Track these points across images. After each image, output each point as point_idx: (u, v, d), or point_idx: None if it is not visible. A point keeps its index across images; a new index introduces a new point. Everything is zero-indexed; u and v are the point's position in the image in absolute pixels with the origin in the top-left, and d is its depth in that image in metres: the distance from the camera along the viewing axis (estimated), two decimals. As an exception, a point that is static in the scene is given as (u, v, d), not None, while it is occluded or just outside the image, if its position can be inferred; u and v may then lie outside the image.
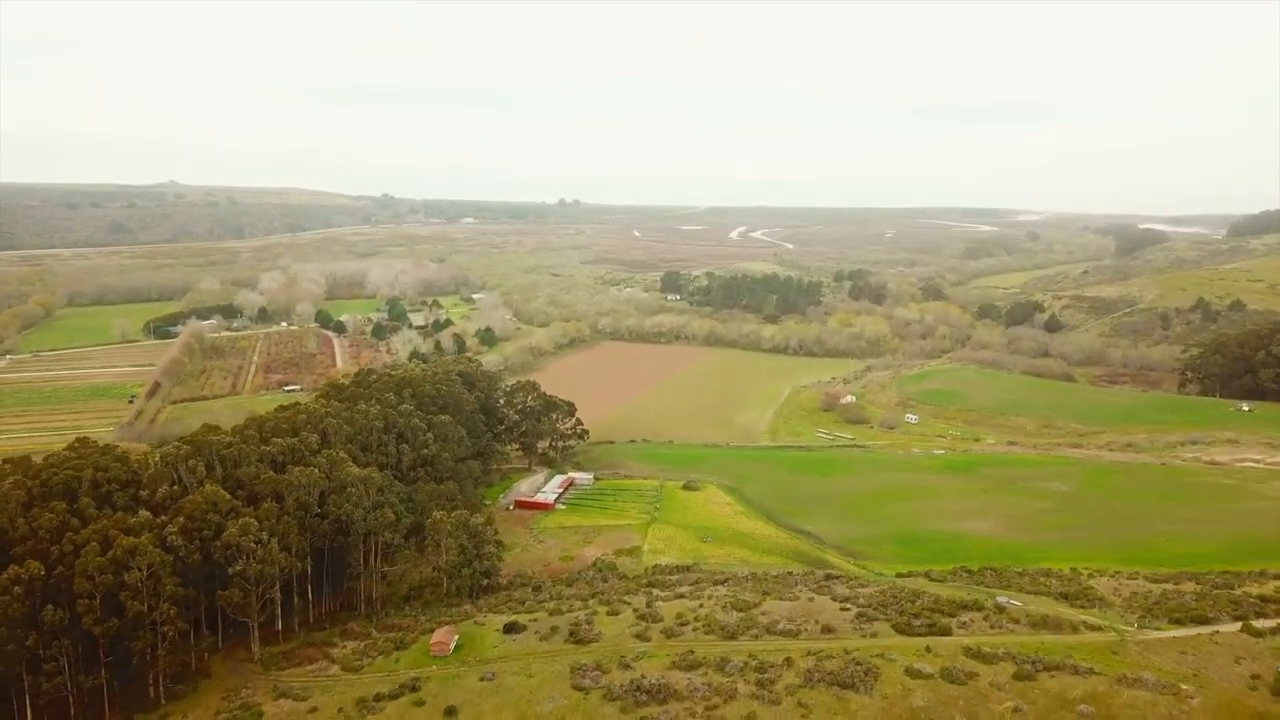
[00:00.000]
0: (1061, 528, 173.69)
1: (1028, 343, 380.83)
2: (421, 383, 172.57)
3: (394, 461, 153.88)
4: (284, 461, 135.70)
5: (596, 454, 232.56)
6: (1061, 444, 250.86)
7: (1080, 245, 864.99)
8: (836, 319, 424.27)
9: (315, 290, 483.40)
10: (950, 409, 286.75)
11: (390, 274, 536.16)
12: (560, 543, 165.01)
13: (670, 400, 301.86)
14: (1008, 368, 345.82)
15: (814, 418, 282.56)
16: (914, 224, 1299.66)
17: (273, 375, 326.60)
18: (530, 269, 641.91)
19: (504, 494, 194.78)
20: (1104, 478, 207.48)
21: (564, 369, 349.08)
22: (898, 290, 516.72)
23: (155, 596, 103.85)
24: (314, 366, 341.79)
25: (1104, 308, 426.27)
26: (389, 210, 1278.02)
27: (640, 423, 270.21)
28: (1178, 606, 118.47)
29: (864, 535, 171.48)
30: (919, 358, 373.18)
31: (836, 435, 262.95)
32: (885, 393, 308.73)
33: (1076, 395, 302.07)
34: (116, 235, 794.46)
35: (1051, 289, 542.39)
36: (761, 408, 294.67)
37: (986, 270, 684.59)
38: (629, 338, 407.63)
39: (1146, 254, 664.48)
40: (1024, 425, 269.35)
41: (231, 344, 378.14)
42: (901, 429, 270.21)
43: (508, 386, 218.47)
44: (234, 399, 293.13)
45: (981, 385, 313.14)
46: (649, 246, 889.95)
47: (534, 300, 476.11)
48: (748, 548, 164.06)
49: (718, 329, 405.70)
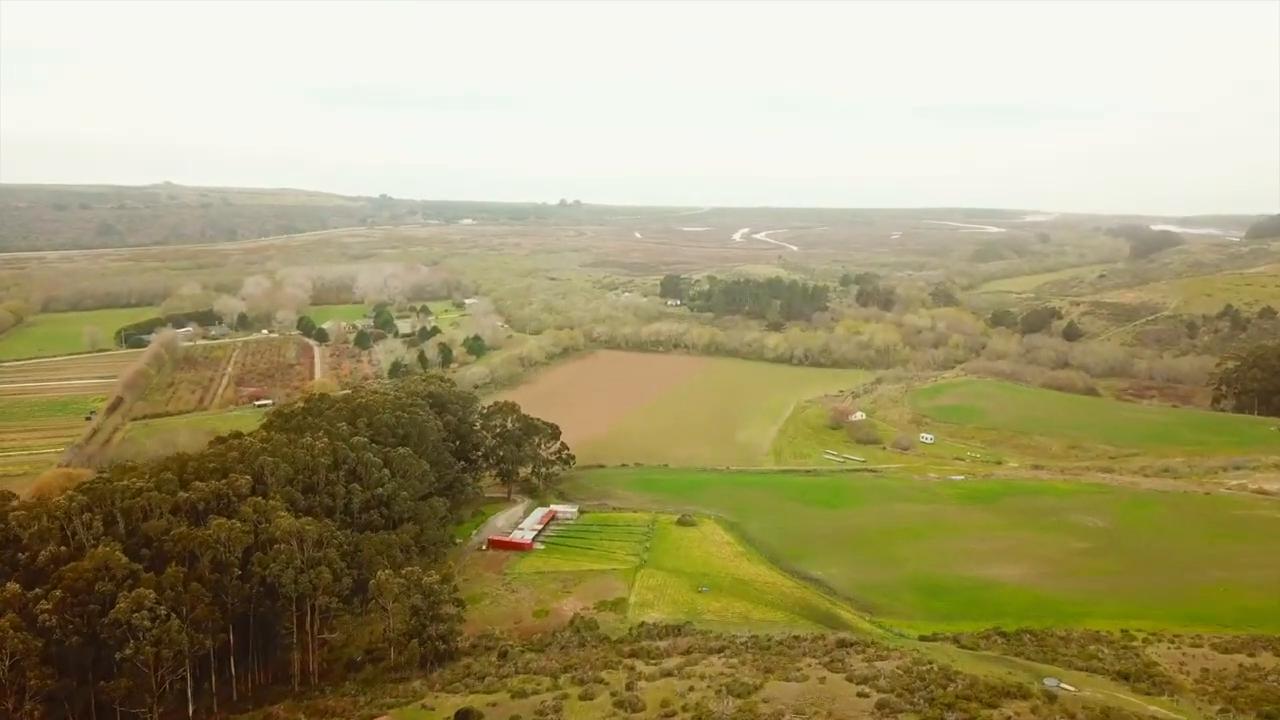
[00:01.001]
0: (1103, 573, 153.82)
1: (1046, 352, 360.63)
2: (380, 410, 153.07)
3: (343, 504, 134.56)
4: (207, 510, 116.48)
5: (584, 480, 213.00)
6: (1091, 468, 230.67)
7: (1092, 247, 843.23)
8: (843, 326, 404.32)
9: (300, 295, 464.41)
10: (968, 427, 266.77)
11: (379, 278, 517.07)
12: (535, 592, 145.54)
13: (667, 416, 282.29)
14: (1026, 380, 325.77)
15: (821, 436, 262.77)
16: (920, 225, 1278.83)
17: (245, 388, 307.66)
18: (527, 272, 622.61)
19: (478, 530, 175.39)
20: (1143, 510, 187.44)
21: (555, 381, 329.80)
22: (907, 295, 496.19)
23: (18, 694, 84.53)
24: (290, 379, 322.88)
25: (1125, 315, 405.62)
26: (387, 211, 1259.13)
27: (634, 442, 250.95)
28: (1263, 694, 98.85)
29: (880, 582, 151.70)
30: (931, 368, 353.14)
31: (846, 457, 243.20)
32: (897, 408, 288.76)
33: (1103, 412, 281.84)
34: (105, 237, 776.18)
35: (1067, 294, 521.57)
36: (764, 425, 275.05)
37: (998, 273, 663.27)
38: (625, 346, 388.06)
39: (1162, 257, 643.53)
40: (1049, 446, 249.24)
41: (206, 354, 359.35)
42: (916, 450, 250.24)
43: (484, 408, 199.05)
44: (199, 415, 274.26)
45: (1000, 400, 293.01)
46: (650, 248, 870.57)
47: (527, 306, 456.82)
48: (748, 599, 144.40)
49: (719, 337, 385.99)
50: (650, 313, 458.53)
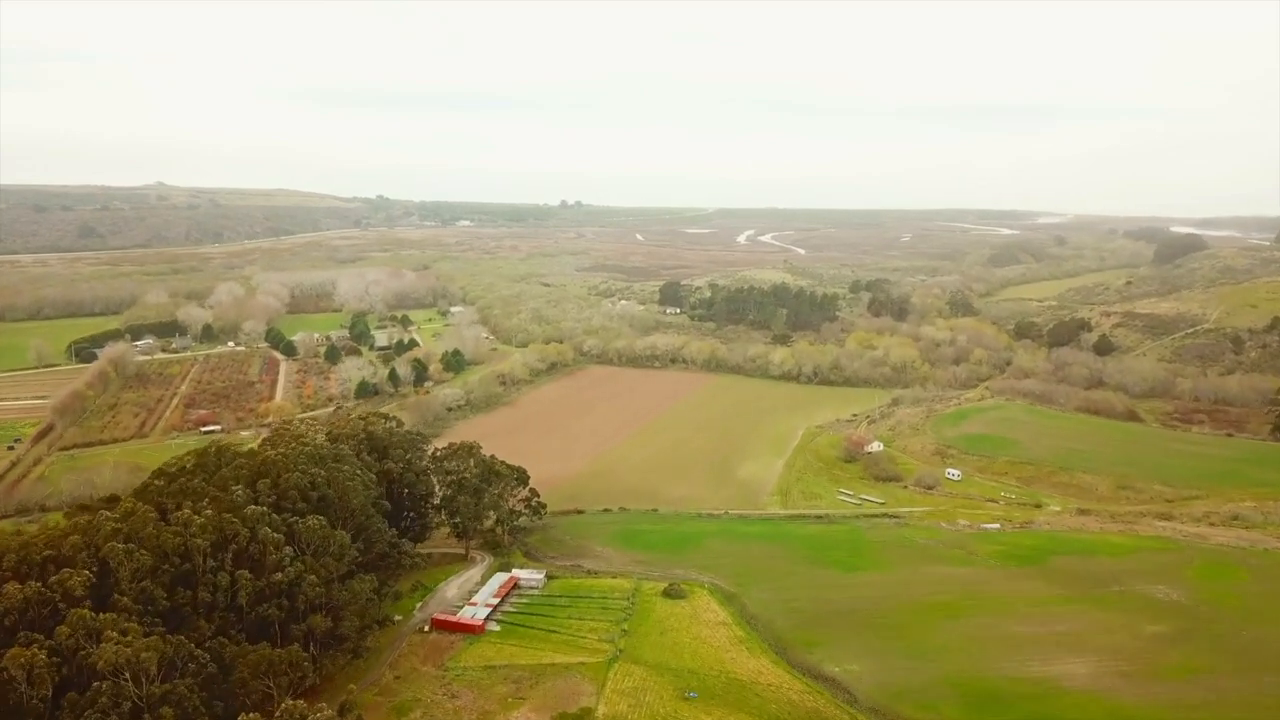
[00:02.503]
0: (1191, 673, 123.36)
1: (1078, 369, 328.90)
2: (289, 468, 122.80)
3: (226, 599, 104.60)
4: (18, 626, 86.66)
5: (558, 531, 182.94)
6: (1146, 513, 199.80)
7: (1112, 251, 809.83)
8: (855, 339, 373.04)
9: (273, 304, 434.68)
10: (999, 460, 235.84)
11: (361, 285, 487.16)
12: (480, 699, 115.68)
13: (660, 445, 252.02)
14: (1058, 402, 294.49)
15: (833, 471, 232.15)
16: (930, 227, 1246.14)
17: (195, 411, 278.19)
18: (520, 277, 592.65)
19: (423, 603, 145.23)
20: (1224, 578, 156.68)
21: (538, 402, 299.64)
22: (922, 304, 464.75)
23: None
24: (248, 399, 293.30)
25: (1161, 327, 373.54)
26: (382, 213, 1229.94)
27: (620, 479, 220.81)
28: None
29: (912, 685, 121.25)
30: (953, 388, 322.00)
31: (862, 498, 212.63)
32: (918, 437, 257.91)
33: (1151, 442, 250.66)
34: (85, 240, 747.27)
35: (1093, 302, 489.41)
36: (770, 455, 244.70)
37: (1016, 279, 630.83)
38: (618, 361, 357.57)
39: (1189, 262, 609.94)
40: (1094, 486, 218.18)
41: (161, 369, 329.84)
42: (941, 489, 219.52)
43: (438, 451, 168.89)
44: (136, 444, 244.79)
45: (1033, 428, 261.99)
46: (651, 252, 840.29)
47: (516, 315, 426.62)
48: (746, 711, 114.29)
49: (719, 352, 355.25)
50: (647, 323, 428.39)
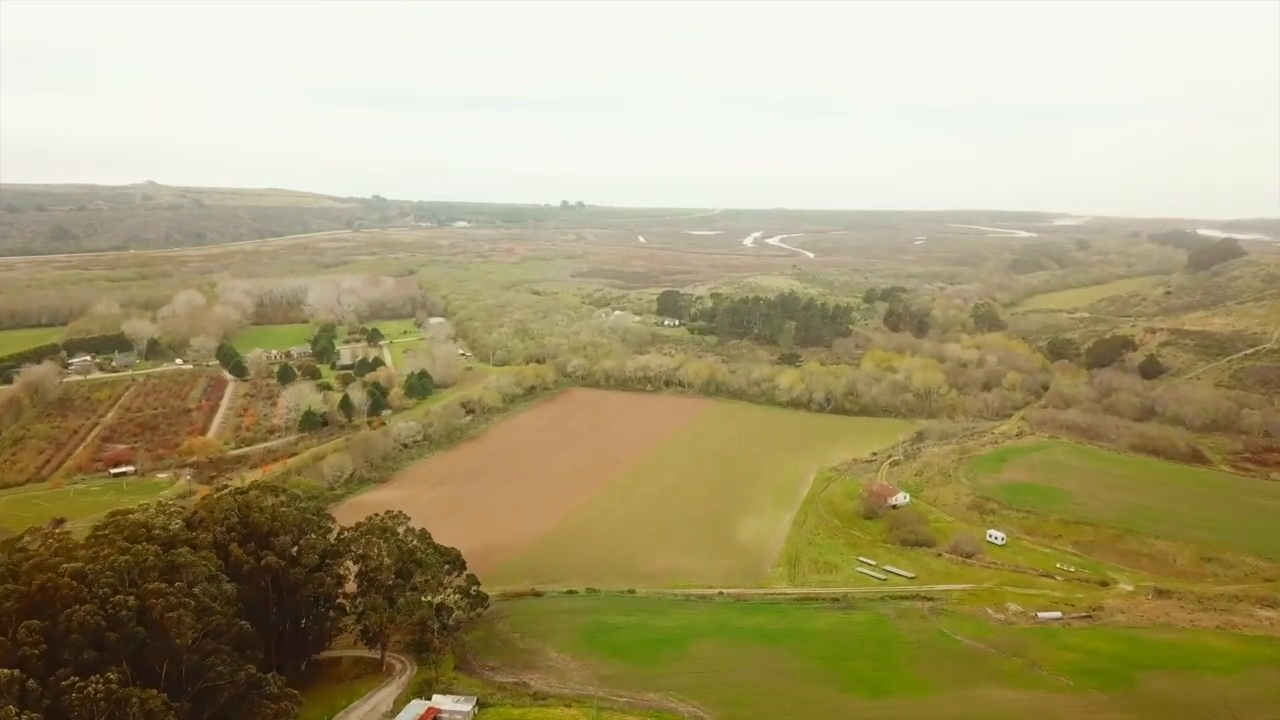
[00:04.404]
0: None
1: (1125, 397, 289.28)
2: (81, 595, 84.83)
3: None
4: None
5: (506, 626, 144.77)
6: (1243, 598, 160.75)
7: (1139, 255, 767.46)
8: (872, 359, 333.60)
9: (232, 316, 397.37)
10: (1050, 518, 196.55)
11: (333, 293, 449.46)
12: None
13: (645, 496, 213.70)
14: (1108, 438, 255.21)
15: (851, 531, 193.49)
16: (944, 229, 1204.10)
17: (113, 445, 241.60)
18: (510, 284, 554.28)
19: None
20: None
21: (508, 436, 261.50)
22: (944, 317, 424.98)
23: None
24: (177, 430, 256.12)
25: (1216, 346, 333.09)
26: (377, 213, 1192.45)
27: (593, 543, 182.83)
28: None
29: None
30: (984, 417, 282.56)
31: (887, 570, 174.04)
32: (950, 485, 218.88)
33: (1228, 494, 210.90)
34: (58, 242, 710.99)
35: (1129, 314, 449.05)
36: (775, 508, 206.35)
37: (1041, 286, 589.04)
38: (606, 384, 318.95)
39: (1228, 269, 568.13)
40: (1171, 556, 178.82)
41: (89, 393, 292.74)
42: (983, 557, 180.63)
43: (346, 532, 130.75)
44: (30, 490, 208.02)
45: (1085, 474, 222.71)
46: (653, 255, 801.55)
47: (498, 328, 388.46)
48: None
49: (720, 374, 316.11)
50: (642, 337, 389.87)
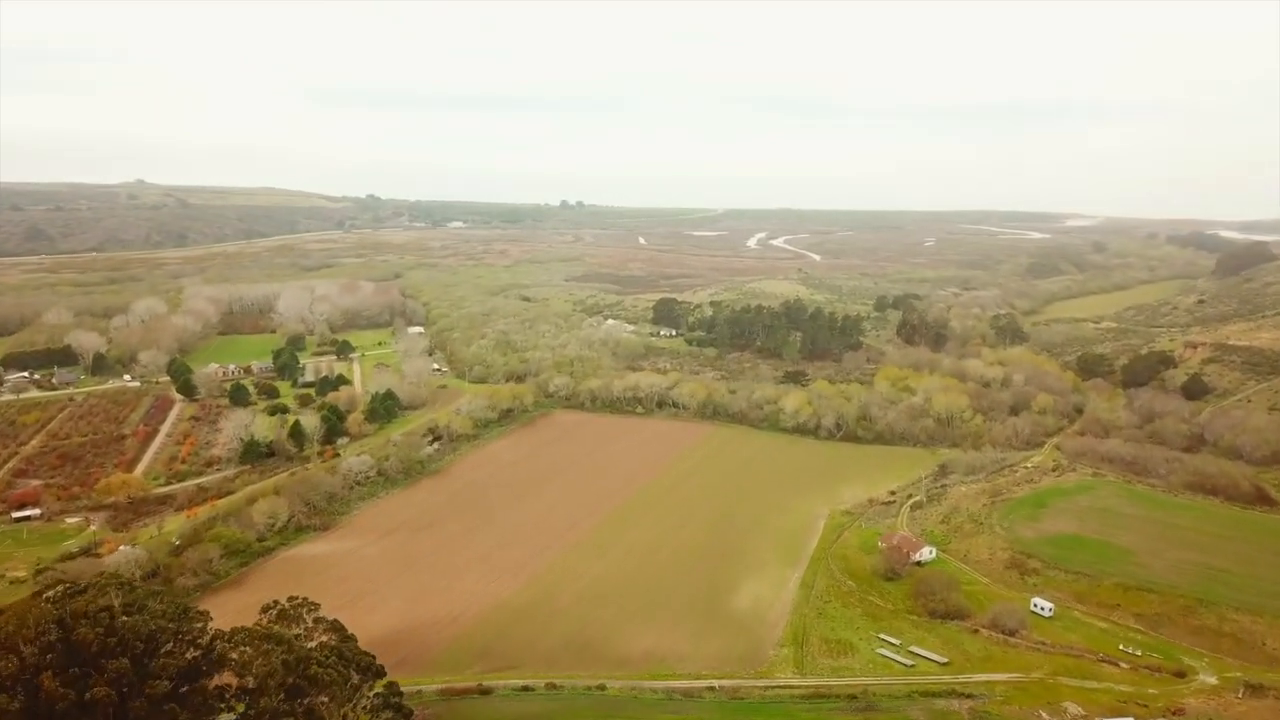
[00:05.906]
0: None
1: (1172, 423, 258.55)
2: None
3: None
4: None
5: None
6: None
7: (1161, 259, 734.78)
8: (886, 377, 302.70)
9: (191, 327, 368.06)
10: (1104, 581, 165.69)
11: (305, 300, 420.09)
12: None
13: (626, 550, 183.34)
14: (1157, 474, 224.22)
15: (869, 597, 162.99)
16: (955, 230, 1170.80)
17: (26, 481, 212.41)
18: (499, 289, 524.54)
19: None
20: None
21: (476, 470, 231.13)
22: (962, 327, 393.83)
23: None
24: (103, 462, 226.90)
25: (1267, 364, 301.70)
26: (370, 213, 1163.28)
27: (560, 617, 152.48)
28: None
29: None
30: (1014, 446, 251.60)
31: (914, 653, 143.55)
32: (983, 536, 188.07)
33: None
34: (32, 243, 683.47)
35: (1161, 324, 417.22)
36: (779, 565, 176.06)
37: (1061, 293, 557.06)
38: (593, 406, 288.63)
39: (1261, 275, 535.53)
40: (1256, 634, 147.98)
41: (15, 417, 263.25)
42: (1028, 634, 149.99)
43: (221, 639, 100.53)
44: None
45: (1140, 524, 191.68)
46: (652, 258, 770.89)
47: (478, 340, 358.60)
48: None
49: (719, 395, 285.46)
50: (635, 349, 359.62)
